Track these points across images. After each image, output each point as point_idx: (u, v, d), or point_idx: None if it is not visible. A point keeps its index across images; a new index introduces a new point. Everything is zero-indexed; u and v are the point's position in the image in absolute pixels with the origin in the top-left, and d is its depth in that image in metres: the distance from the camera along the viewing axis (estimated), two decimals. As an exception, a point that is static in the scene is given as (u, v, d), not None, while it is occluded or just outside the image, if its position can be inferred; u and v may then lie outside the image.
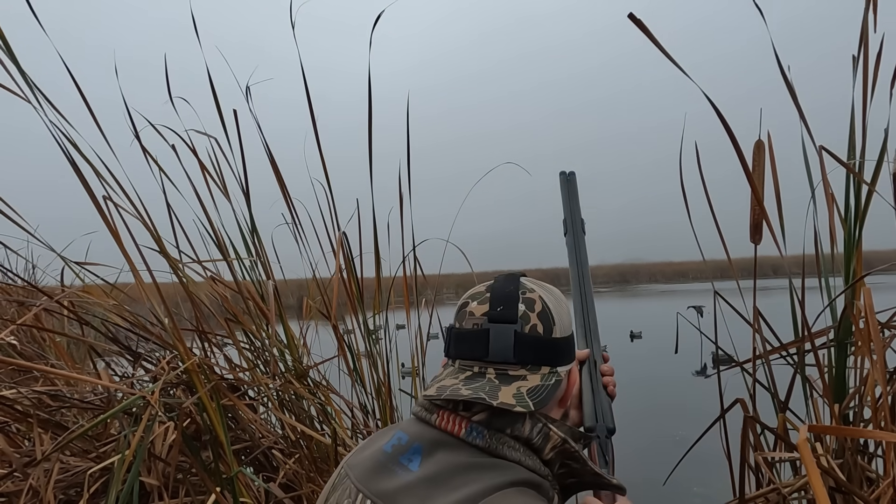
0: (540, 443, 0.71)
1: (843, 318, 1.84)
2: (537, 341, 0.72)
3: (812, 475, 1.06)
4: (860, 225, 1.84)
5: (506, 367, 0.71)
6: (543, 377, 0.71)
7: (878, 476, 1.73)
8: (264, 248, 2.48)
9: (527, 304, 0.73)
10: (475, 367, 0.72)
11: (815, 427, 1.63)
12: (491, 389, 0.68)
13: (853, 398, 1.83)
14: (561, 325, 0.75)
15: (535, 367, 0.72)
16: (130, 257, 1.83)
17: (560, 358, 0.75)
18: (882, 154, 1.80)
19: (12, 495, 1.75)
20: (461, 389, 0.68)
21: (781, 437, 1.82)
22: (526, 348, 0.71)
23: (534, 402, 0.68)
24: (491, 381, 0.70)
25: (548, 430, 0.71)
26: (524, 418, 0.70)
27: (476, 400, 0.66)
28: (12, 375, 2.36)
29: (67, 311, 2.42)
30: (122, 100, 2.16)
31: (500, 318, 0.72)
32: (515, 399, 0.67)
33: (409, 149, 2.23)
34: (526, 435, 0.70)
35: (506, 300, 0.73)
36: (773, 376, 1.90)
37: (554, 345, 0.74)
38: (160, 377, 1.87)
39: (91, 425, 1.81)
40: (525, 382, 0.70)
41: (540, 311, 0.73)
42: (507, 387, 0.69)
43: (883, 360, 1.57)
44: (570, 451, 0.73)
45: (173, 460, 1.85)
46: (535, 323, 0.72)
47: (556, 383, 0.73)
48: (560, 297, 0.80)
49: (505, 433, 0.70)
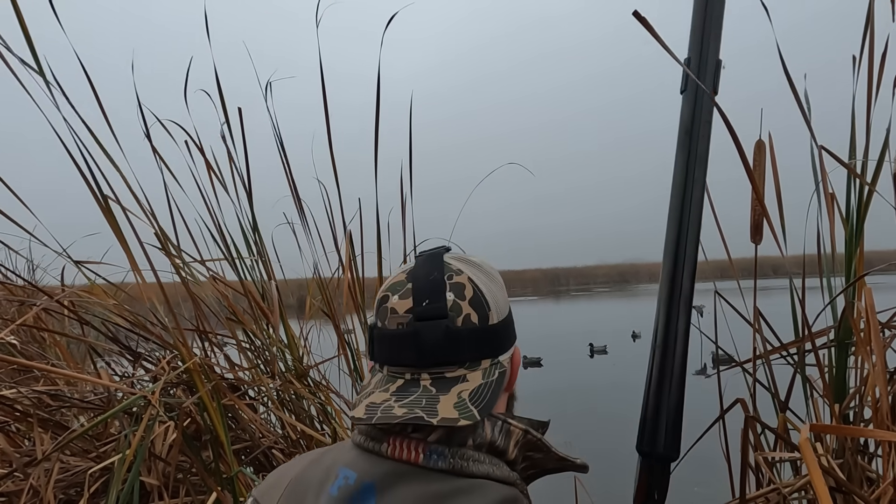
0: (503, 442, 0.64)
1: (843, 317, 1.84)
2: (473, 334, 0.63)
3: (814, 475, 1.06)
4: (861, 224, 1.84)
5: (442, 370, 0.62)
6: (486, 372, 0.63)
7: (878, 476, 1.73)
8: (265, 248, 2.49)
9: (455, 290, 0.63)
10: (406, 374, 0.63)
11: (817, 426, 1.63)
12: (428, 402, 0.59)
13: (853, 398, 1.83)
14: (497, 306, 0.66)
15: (474, 363, 0.63)
16: (133, 256, 1.83)
17: (501, 345, 0.66)
18: (882, 154, 1.80)
19: (12, 495, 1.75)
20: (394, 409, 0.59)
21: (782, 436, 1.82)
22: (461, 345, 0.62)
23: (479, 407, 0.59)
24: (426, 389, 0.61)
25: (508, 425, 0.65)
26: (483, 422, 0.63)
27: (412, 422, 0.57)
28: (12, 375, 2.37)
29: (68, 311, 2.43)
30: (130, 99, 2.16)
31: (426, 314, 0.62)
32: (458, 410, 0.58)
33: (411, 149, 2.23)
34: (489, 438, 0.63)
35: (431, 291, 0.63)
36: (773, 376, 1.91)
37: (492, 333, 0.64)
38: (160, 377, 1.87)
39: (91, 425, 1.81)
40: (466, 385, 0.61)
41: (472, 297, 0.63)
42: (447, 395, 0.60)
43: (883, 360, 1.57)
44: (534, 442, 0.66)
45: (173, 460, 1.85)
46: (468, 312, 0.63)
47: (501, 375, 0.65)
48: (490, 271, 0.70)
49: (467, 446, 0.62)
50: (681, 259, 0.83)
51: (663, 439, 0.80)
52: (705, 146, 0.83)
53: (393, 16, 2.10)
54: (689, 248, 0.83)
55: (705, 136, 0.83)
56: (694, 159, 0.83)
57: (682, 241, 0.83)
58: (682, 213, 0.83)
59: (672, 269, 0.83)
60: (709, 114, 0.83)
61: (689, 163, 0.83)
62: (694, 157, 0.83)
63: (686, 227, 0.83)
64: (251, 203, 2.42)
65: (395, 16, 2.10)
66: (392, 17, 2.10)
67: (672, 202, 0.84)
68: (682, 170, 0.83)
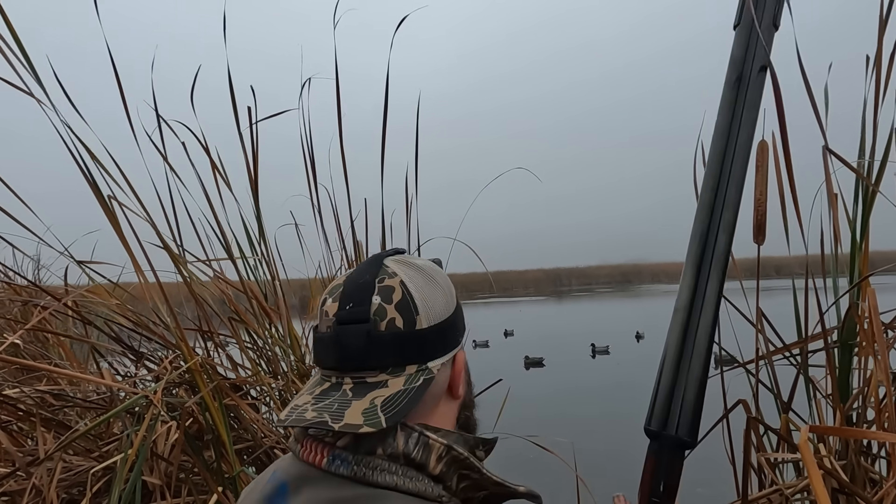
0: (421, 456, 0.60)
1: (846, 318, 1.83)
2: (396, 339, 0.60)
3: (812, 475, 1.05)
4: (865, 225, 1.83)
5: (363, 375, 0.61)
6: (409, 378, 0.61)
7: (881, 477, 1.73)
8: (269, 248, 2.49)
9: (383, 294, 0.61)
10: (333, 377, 0.62)
11: (817, 428, 1.63)
12: (339, 407, 0.58)
13: (856, 399, 1.82)
14: (430, 310, 0.63)
15: (397, 368, 0.61)
16: (135, 256, 1.83)
17: (431, 350, 0.63)
18: (886, 154, 1.79)
19: (15, 494, 1.76)
20: (307, 411, 0.58)
21: (784, 437, 1.82)
22: (382, 349, 0.60)
23: (389, 415, 0.57)
24: (345, 393, 0.60)
25: (426, 438, 0.61)
26: (394, 432, 0.60)
27: (317, 426, 0.56)
28: (16, 375, 2.38)
29: (71, 311, 2.43)
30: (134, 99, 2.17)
31: (349, 318, 0.61)
32: (364, 417, 0.56)
33: (417, 151, 2.23)
34: (402, 450, 0.59)
35: (357, 295, 0.62)
36: (776, 377, 1.90)
37: (419, 338, 0.62)
38: (163, 377, 1.87)
39: (94, 424, 1.82)
40: (383, 391, 0.59)
41: (399, 301, 0.61)
42: (360, 400, 0.58)
43: (886, 360, 1.56)
44: (461, 460, 0.62)
45: (176, 460, 1.85)
46: (393, 316, 0.61)
47: (426, 382, 0.62)
48: (433, 275, 0.67)
49: (376, 455, 0.59)
50: (718, 210, 0.73)
51: (677, 420, 0.69)
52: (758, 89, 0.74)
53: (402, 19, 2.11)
54: (728, 197, 0.73)
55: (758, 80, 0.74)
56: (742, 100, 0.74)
57: (721, 188, 0.74)
58: (723, 160, 0.74)
59: (706, 221, 0.73)
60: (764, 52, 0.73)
61: (737, 106, 0.74)
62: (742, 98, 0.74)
63: (728, 174, 0.74)
64: (257, 204, 2.43)
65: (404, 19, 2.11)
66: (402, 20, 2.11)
67: (713, 147, 0.75)
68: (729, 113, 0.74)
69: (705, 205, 0.74)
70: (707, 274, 0.71)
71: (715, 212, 0.74)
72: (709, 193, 0.75)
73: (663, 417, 0.69)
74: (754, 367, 1.92)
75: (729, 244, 0.73)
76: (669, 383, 0.70)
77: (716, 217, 0.73)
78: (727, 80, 0.76)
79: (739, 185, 0.75)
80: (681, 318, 0.71)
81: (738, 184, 0.74)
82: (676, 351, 0.70)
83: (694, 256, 0.73)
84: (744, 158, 0.75)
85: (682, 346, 0.70)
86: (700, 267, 0.72)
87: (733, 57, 0.76)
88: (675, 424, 0.69)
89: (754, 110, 0.74)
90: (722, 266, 0.73)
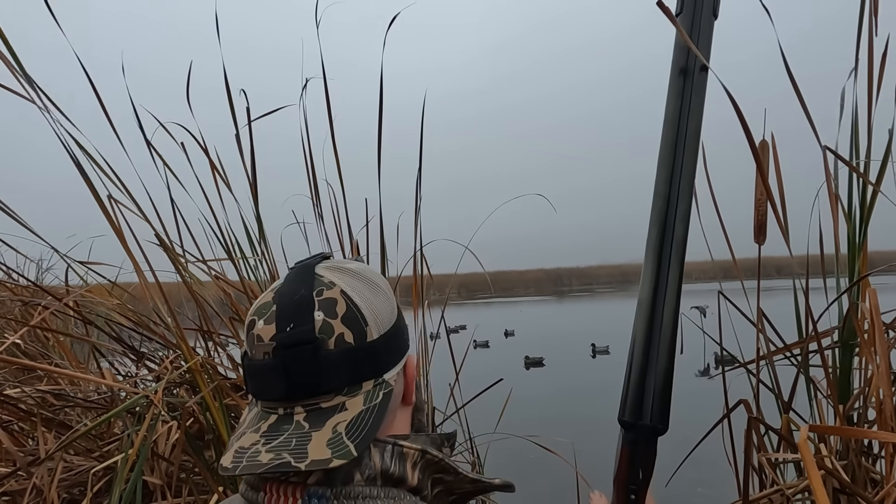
0: (398, 469, 0.56)
1: (846, 318, 1.83)
2: (349, 355, 0.55)
3: (812, 475, 1.05)
4: (865, 225, 1.83)
5: (316, 401, 0.55)
6: (368, 396, 0.56)
7: (882, 477, 1.73)
8: (270, 247, 2.49)
9: (325, 308, 0.55)
10: (279, 408, 0.55)
11: (817, 427, 1.63)
12: (298, 443, 0.52)
13: (857, 399, 1.82)
14: (377, 319, 0.58)
15: (353, 387, 0.56)
16: (134, 256, 1.83)
17: (385, 362, 0.58)
18: (886, 154, 1.79)
19: (16, 494, 1.76)
20: (260, 454, 0.51)
21: (785, 437, 1.82)
22: (335, 370, 0.54)
23: (358, 440, 0.52)
24: (299, 426, 0.54)
25: (400, 448, 0.57)
26: (368, 450, 0.55)
27: (278, 469, 0.50)
28: (17, 375, 2.38)
29: (72, 311, 2.43)
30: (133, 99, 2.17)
31: (290, 340, 0.54)
32: (331, 448, 0.51)
33: (421, 151, 2.22)
34: (380, 468, 0.55)
35: (296, 313, 0.55)
36: (776, 377, 1.90)
37: (372, 351, 0.57)
38: (163, 376, 1.87)
39: (94, 424, 1.82)
40: (343, 415, 0.54)
41: (345, 313, 0.56)
42: (320, 430, 0.53)
43: (887, 360, 1.56)
44: (435, 462, 0.59)
45: (176, 459, 1.86)
46: (342, 332, 0.55)
47: (386, 396, 0.57)
48: (371, 278, 0.62)
49: (355, 482, 0.54)
50: (673, 200, 0.74)
51: (650, 408, 0.69)
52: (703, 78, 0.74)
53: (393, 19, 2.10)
54: (683, 187, 0.74)
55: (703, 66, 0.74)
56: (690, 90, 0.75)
57: (675, 178, 0.74)
58: (675, 148, 0.75)
59: (664, 211, 0.74)
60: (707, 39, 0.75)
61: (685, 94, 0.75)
62: (690, 87, 0.75)
63: (680, 162, 0.74)
64: (256, 203, 2.43)
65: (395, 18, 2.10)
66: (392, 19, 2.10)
67: (665, 136, 0.76)
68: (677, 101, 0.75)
69: (660, 195, 0.74)
70: (668, 264, 0.72)
71: (671, 202, 0.74)
72: (663, 185, 0.75)
73: (636, 408, 0.70)
74: (755, 367, 1.92)
75: (685, 232, 0.73)
76: (639, 374, 0.71)
77: (671, 207, 0.74)
78: (672, 69, 0.77)
79: (691, 174, 0.75)
80: (645, 310, 0.72)
81: (690, 173, 0.75)
82: (644, 342, 0.71)
83: (653, 247, 0.73)
84: (694, 147, 0.75)
85: (649, 337, 0.71)
86: (660, 257, 0.73)
87: (677, 45, 0.76)
88: (649, 413, 0.70)
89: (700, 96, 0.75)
90: (680, 255, 0.73)
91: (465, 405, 2.34)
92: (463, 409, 2.37)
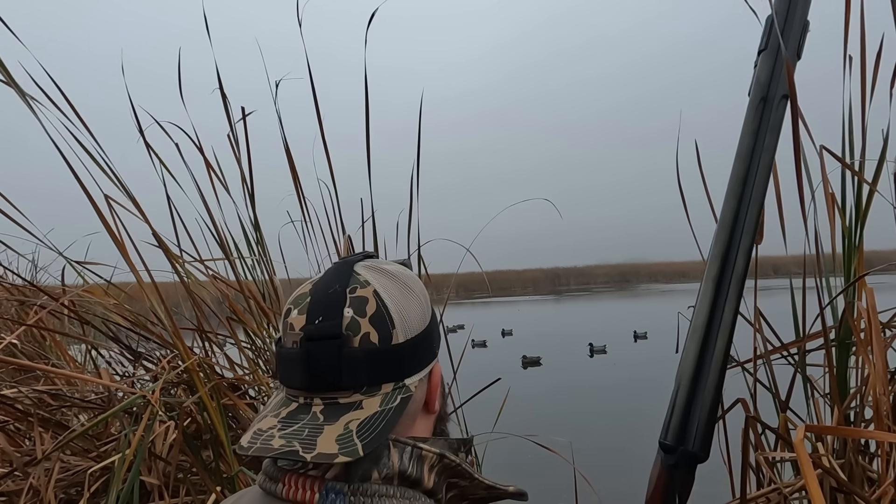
0: (415, 471, 0.57)
1: (843, 318, 1.84)
2: (371, 356, 0.56)
3: (807, 474, 1.06)
4: (861, 225, 1.84)
5: (335, 395, 0.56)
6: (385, 398, 0.56)
7: (879, 476, 1.73)
8: (266, 248, 2.49)
9: (356, 306, 0.57)
10: (300, 397, 0.57)
11: (813, 427, 1.63)
12: (310, 433, 0.53)
13: (854, 398, 1.83)
14: (406, 323, 0.59)
15: (373, 387, 0.56)
16: (129, 256, 1.83)
17: (408, 367, 0.59)
18: (883, 153, 1.80)
19: (13, 494, 1.76)
20: (274, 438, 0.53)
21: (782, 436, 1.82)
22: (356, 368, 0.55)
23: (365, 441, 0.52)
24: (315, 417, 0.55)
25: (419, 450, 0.57)
26: (388, 450, 0.56)
27: (286, 456, 0.51)
28: (13, 375, 2.37)
29: (69, 311, 2.43)
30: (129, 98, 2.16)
31: (318, 333, 0.55)
32: (339, 444, 0.52)
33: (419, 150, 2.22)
34: (398, 469, 0.56)
35: (327, 307, 0.57)
36: (774, 376, 1.91)
37: (396, 354, 0.57)
38: (161, 376, 1.87)
39: (92, 424, 1.81)
40: (358, 413, 0.55)
41: (374, 314, 0.57)
42: (333, 425, 0.53)
43: (884, 360, 1.56)
44: (453, 467, 0.59)
45: (174, 459, 1.85)
46: (368, 331, 0.56)
47: (404, 401, 0.58)
48: (408, 282, 0.63)
49: (372, 480, 0.55)
50: (738, 233, 0.74)
51: (694, 436, 0.70)
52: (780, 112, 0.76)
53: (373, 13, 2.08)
54: (748, 221, 0.74)
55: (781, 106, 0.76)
56: (766, 125, 0.76)
57: (741, 212, 0.74)
58: (745, 182, 0.75)
59: (727, 243, 0.74)
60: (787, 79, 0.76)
61: (761, 128, 0.76)
62: (767, 122, 0.76)
63: (749, 197, 0.74)
64: (253, 203, 2.42)
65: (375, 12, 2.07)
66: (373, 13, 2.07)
67: (735, 168, 0.76)
68: (752, 135, 0.75)
69: (726, 226, 0.75)
70: (725, 295, 0.73)
71: (735, 234, 0.74)
72: (730, 215, 0.75)
73: (680, 433, 0.70)
74: (752, 367, 1.93)
75: (746, 266, 0.74)
76: (686, 400, 0.71)
77: (735, 240, 0.74)
78: (751, 102, 0.77)
79: (759, 209, 0.75)
80: (698, 336, 0.72)
81: (758, 207, 0.75)
82: (693, 368, 0.71)
83: (713, 278, 0.74)
84: (764, 182, 0.75)
85: (700, 364, 0.71)
86: (719, 287, 0.73)
87: (758, 80, 0.77)
88: (692, 440, 0.70)
89: (776, 132, 0.76)
90: (739, 288, 0.73)
91: (462, 405, 2.34)
92: (461, 409, 2.37)
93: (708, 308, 0.72)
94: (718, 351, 0.71)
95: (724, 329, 0.72)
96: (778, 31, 0.75)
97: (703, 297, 0.73)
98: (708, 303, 0.73)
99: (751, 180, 0.75)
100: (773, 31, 0.76)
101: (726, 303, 0.72)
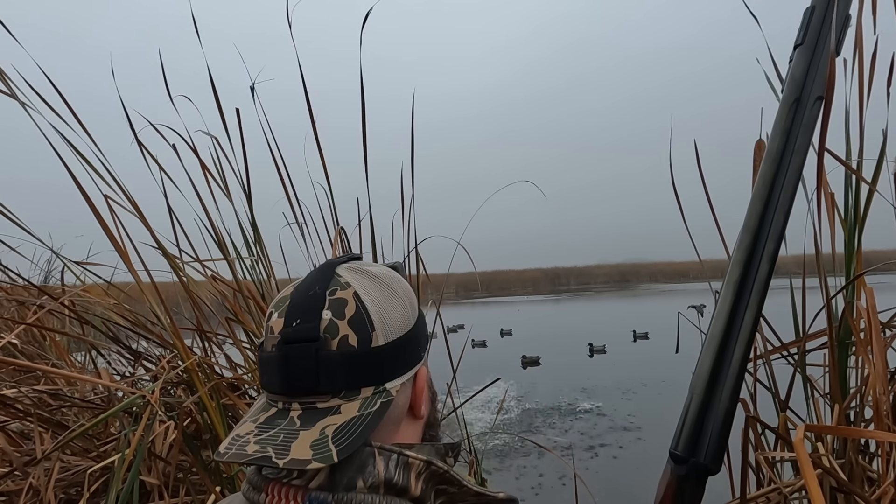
0: (402, 478, 0.55)
1: (842, 317, 1.84)
2: (349, 359, 0.55)
3: (807, 474, 1.06)
4: (860, 225, 1.84)
5: (312, 400, 0.55)
6: (364, 403, 0.55)
7: (879, 476, 1.73)
8: (265, 248, 2.48)
9: (335, 308, 0.55)
10: (279, 402, 0.56)
11: (813, 427, 1.63)
12: (285, 439, 0.52)
13: (854, 398, 1.83)
14: (387, 325, 0.58)
15: (351, 391, 0.55)
16: (129, 256, 1.83)
17: (389, 370, 0.58)
18: (882, 153, 1.80)
19: (13, 494, 1.76)
20: (249, 444, 0.52)
21: (782, 436, 1.82)
22: (334, 372, 0.54)
23: (341, 447, 0.51)
24: (292, 422, 0.54)
25: (405, 458, 0.56)
26: (373, 458, 0.55)
27: (259, 462, 0.50)
28: (13, 375, 2.37)
29: (68, 311, 2.43)
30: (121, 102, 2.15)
31: (295, 336, 0.54)
32: (313, 450, 0.50)
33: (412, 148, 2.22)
34: (383, 477, 0.54)
35: (305, 309, 0.56)
36: (773, 376, 1.91)
37: (375, 357, 0.56)
38: (160, 376, 1.87)
39: (91, 424, 1.81)
40: (335, 418, 0.53)
41: (353, 316, 0.56)
42: (309, 430, 0.53)
43: (884, 359, 1.56)
44: (440, 474, 0.58)
45: (174, 459, 1.85)
46: (346, 333, 0.55)
47: (384, 406, 0.56)
48: (392, 284, 0.61)
49: (357, 489, 0.53)
50: (763, 237, 0.70)
51: (706, 447, 0.67)
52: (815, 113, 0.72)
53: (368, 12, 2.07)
54: (774, 225, 0.71)
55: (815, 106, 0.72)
56: (799, 124, 0.72)
57: (768, 215, 0.71)
58: (773, 184, 0.71)
59: (751, 247, 0.70)
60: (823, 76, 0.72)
61: (794, 127, 0.72)
62: (799, 121, 0.72)
63: (776, 199, 0.71)
64: (250, 203, 2.42)
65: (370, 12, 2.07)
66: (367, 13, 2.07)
67: (764, 170, 0.72)
68: (783, 134, 0.72)
69: (750, 231, 0.71)
70: (746, 303, 0.69)
71: (760, 239, 0.71)
72: (755, 220, 0.71)
73: (692, 443, 0.67)
74: (752, 366, 1.93)
75: (770, 273, 0.70)
76: (700, 410, 0.68)
77: (760, 245, 0.70)
78: (784, 100, 0.73)
79: (786, 214, 0.72)
80: (715, 344, 0.68)
81: (785, 212, 0.72)
82: (708, 377, 0.68)
83: (734, 283, 0.70)
84: (793, 185, 0.72)
85: (716, 374, 0.68)
86: (740, 294, 0.69)
87: (793, 77, 0.73)
88: (704, 452, 0.67)
89: (809, 132, 0.72)
90: (761, 296, 0.70)
91: (462, 405, 2.34)
92: (461, 409, 2.37)
93: (727, 315, 0.69)
94: (735, 360, 0.68)
95: (742, 338, 0.68)
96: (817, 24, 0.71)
97: (723, 304, 0.69)
98: (727, 310, 0.69)
99: (779, 183, 0.71)
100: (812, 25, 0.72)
101: (746, 310, 0.69)
